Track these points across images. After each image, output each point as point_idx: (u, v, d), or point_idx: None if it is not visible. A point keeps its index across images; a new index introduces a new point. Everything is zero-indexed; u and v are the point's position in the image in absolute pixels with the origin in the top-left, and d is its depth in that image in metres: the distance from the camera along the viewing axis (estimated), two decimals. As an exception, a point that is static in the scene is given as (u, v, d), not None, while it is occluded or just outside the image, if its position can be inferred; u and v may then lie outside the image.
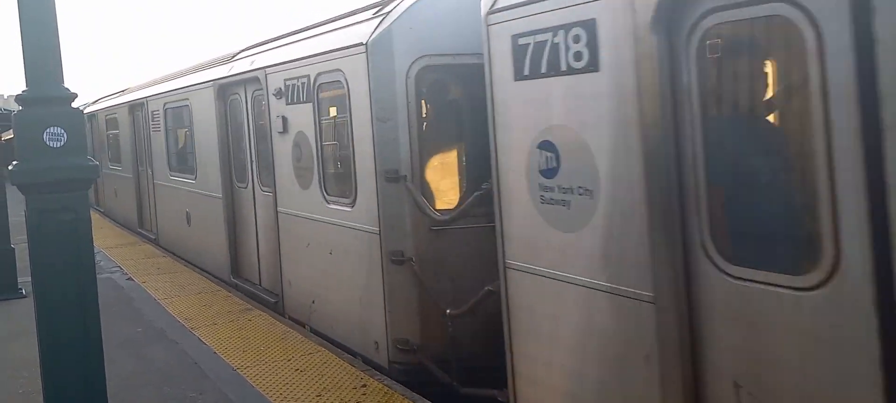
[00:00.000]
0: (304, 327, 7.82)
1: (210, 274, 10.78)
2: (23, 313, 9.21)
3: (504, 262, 4.71)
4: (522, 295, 4.59)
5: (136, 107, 14.82)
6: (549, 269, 4.32)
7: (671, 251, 3.60)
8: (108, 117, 18.03)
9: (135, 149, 15.14)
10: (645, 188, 3.68)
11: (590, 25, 3.92)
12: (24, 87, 3.52)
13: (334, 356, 6.83)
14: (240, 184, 9.74)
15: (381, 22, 6.17)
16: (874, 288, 2.89)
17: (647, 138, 3.63)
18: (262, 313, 8.52)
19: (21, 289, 10.39)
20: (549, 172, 4.29)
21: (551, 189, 4.27)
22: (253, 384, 6.28)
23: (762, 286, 3.28)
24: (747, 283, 3.34)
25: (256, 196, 9.26)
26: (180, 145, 12.49)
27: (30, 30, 3.47)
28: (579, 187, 4.07)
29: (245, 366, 6.72)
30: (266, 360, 6.86)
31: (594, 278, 4.03)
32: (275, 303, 8.59)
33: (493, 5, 4.62)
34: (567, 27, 4.06)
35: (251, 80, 8.74)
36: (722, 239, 3.49)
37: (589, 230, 4.04)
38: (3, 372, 7.03)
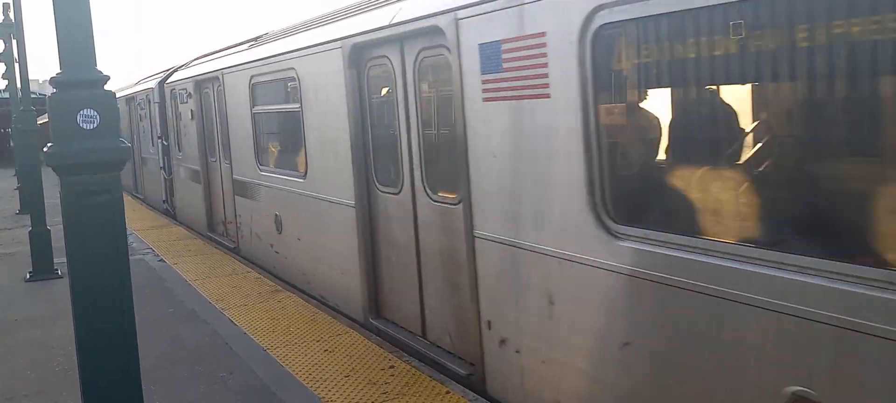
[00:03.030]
0: None
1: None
2: (59, 293, 9.43)
3: None
4: None
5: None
6: None
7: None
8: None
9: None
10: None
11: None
12: (58, 71, 3.57)
13: (362, 337, 6.88)
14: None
15: None
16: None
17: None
18: (291, 295, 8.60)
19: (57, 270, 10.62)
20: None
21: None
22: (282, 364, 6.36)
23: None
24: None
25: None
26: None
27: (63, 13, 3.52)
28: None
29: (274, 346, 6.80)
30: (295, 341, 6.94)
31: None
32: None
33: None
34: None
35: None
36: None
37: None
38: (41, 351, 7.21)
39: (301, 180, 8.46)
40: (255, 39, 11.13)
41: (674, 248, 3.85)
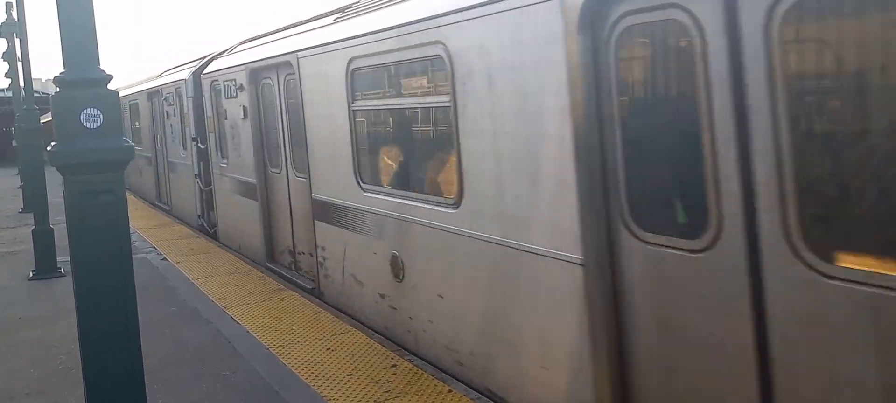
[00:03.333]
0: None
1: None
2: (62, 292, 9.44)
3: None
4: None
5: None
6: None
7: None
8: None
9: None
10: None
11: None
12: (61, 70, 3.58)
13: (365, 336, 6.89)
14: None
15: None
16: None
17: None
18: (294, 293, 8.61)
19: (60, 268, 10.64)
20: None
21: None
22: (285, 363, 6.36)
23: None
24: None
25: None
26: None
27: (67, 12, 3.53)
28: None
29: (277, 345, 6.81)
30: (298, 340, 6.95)
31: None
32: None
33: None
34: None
35: None
36: None
37: None
38: (44, 350, 7.22)
39: (449, 210, 5.63)
40: (344, 10, 8.13)
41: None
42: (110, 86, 3.63)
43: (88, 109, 3.51)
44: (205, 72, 12.05)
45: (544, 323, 4.69)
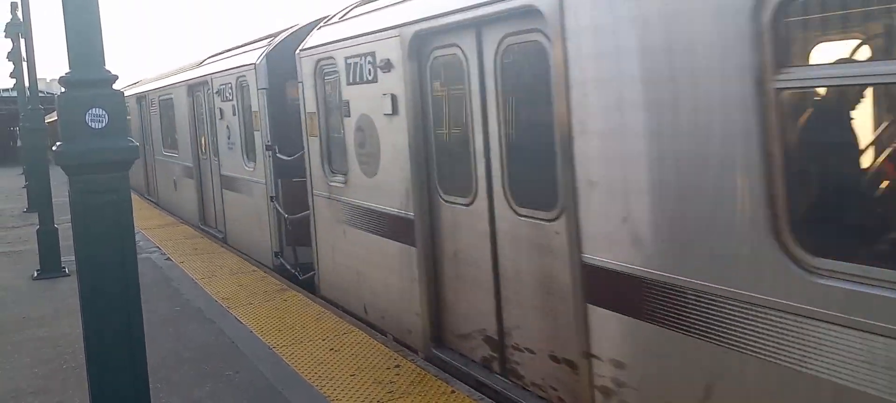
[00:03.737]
0: None
1: None
2: (67, 291, 9.47)
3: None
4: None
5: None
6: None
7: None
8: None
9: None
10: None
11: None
12: (67, 70, 3.59)
13: (368, 336, 6.90)
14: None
15: None
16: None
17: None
18: (297, 293, 8.62)
19: (64, 268, 10.67)
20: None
21: None
22: (288, 362, 6.37)
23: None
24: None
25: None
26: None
27: (73, 13, 3.54)
28: None
29: (281, 345, 6.82)
30: (301, 340, 6.96)
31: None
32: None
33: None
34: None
35: None
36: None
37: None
38: (48, 349, 7.24)
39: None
40: None
41: None
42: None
43: (93, 109, 3.52)
44: (304, 47, 8.26)
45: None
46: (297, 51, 8.42)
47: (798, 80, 3.34)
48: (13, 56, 15.35)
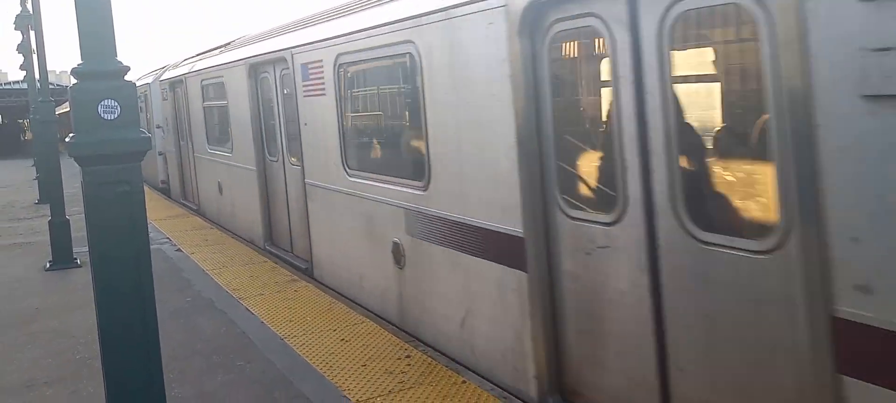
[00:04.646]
0: None
1: None
2: (79, 282, 9.53)
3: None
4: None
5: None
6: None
7: None
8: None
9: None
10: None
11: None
12: (79, 61, 3.60)
13: (379, 327, 6.90)
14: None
15: None
16: None
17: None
18: (307, 284, 8.64)
19: (76, 259, 10.72)
20: None
21: None
22: (299, 353, 6.39)
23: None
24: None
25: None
26: None
27: (84, 4, 3.54)
28: None
29: (291, 336, 6.84)
30: (312, 330, 6.97)
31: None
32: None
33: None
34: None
35: None
36: None
37: None
38: (63, 340, 7.29)
39: None
40: None
41: None
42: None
43: (106, 101, 3.53)
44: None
45: None
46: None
47: None
48: (23, 48, 15.41)
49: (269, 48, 9.79)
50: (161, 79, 17.88)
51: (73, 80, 3.65)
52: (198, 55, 15.61)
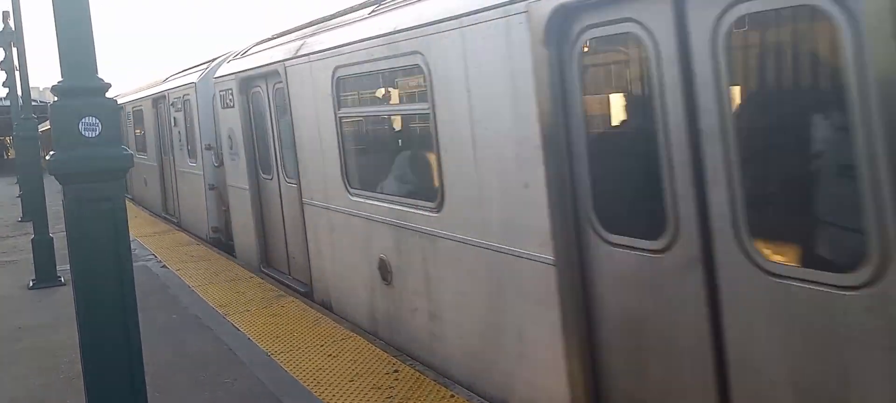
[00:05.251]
0: None
1: None
2: (63, 300, 9.42)
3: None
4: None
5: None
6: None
7: None
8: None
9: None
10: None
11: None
12: (59, 79, 3.57)
13: (366, 341, 6.87)
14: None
15: None
16: None
17: None
18: (294, 299, 8.59)
19: (60, 277, 10.62)
20: None
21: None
22: (286, 369, 6.34)
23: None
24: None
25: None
26: None
27: (64, 22, 3.52)
28: None
29: (278, 352, 6.79)
30: (299, 346, 6.93)
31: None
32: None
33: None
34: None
35: None
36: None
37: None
38: (45, 358, 7.20)
39: None
40: None
41: None
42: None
43: (87, 118, 3.51)
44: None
45: None
46: None
47: None
48: (6, 65, 15.30)
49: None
50: (219, 75, 10.66)
51: (54, 98, 3.62)
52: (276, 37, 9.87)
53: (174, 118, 14.47)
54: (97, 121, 3.53)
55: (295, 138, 8.24)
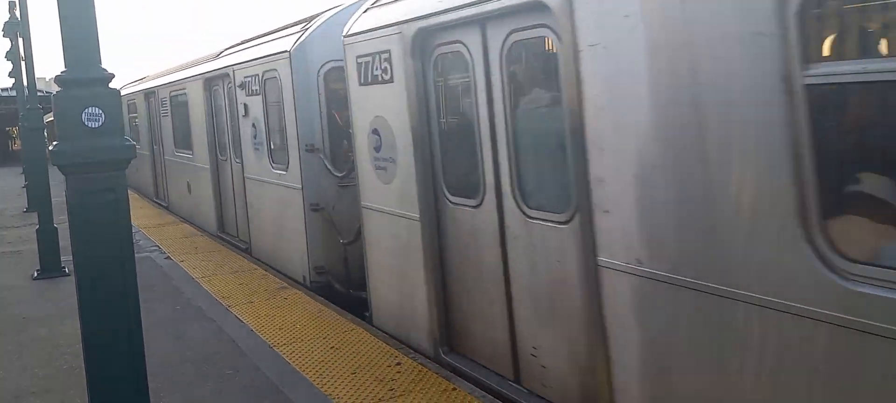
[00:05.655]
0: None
1: None
2: (67, 291, 9.44)
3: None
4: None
5: None
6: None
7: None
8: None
9: None
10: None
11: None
12: (63, 69, 3.56)
13: (369, 334, 6.87)
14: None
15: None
16: None
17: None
18: (296, 291, 8.60)
19: (65, 268, 10.64)
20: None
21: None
22: (289, 361, 6.35)
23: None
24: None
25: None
26: None
27: (68, 11, 3.51)
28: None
29: (281, 344, 6.80)
30: (302, 338, 6.94)
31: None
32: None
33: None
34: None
35: None
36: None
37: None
38: (49, 349, 7.22)
39: None
40: None
41: None
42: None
43: (90, 108, 3.49)
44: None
45: None
46: None
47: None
48: (11, 55, 15.31)
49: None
50: (358, 30, 6.90)
51: (57, 88, 3.61)
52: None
53: (244, 105, 10.35)
54: (100, 111, 3.51)
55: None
